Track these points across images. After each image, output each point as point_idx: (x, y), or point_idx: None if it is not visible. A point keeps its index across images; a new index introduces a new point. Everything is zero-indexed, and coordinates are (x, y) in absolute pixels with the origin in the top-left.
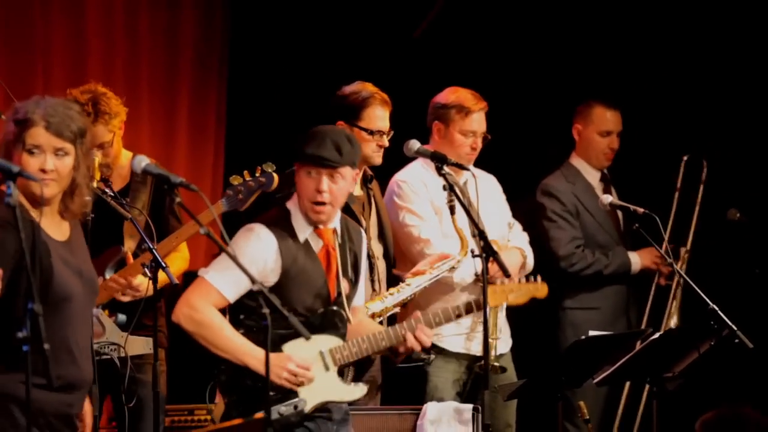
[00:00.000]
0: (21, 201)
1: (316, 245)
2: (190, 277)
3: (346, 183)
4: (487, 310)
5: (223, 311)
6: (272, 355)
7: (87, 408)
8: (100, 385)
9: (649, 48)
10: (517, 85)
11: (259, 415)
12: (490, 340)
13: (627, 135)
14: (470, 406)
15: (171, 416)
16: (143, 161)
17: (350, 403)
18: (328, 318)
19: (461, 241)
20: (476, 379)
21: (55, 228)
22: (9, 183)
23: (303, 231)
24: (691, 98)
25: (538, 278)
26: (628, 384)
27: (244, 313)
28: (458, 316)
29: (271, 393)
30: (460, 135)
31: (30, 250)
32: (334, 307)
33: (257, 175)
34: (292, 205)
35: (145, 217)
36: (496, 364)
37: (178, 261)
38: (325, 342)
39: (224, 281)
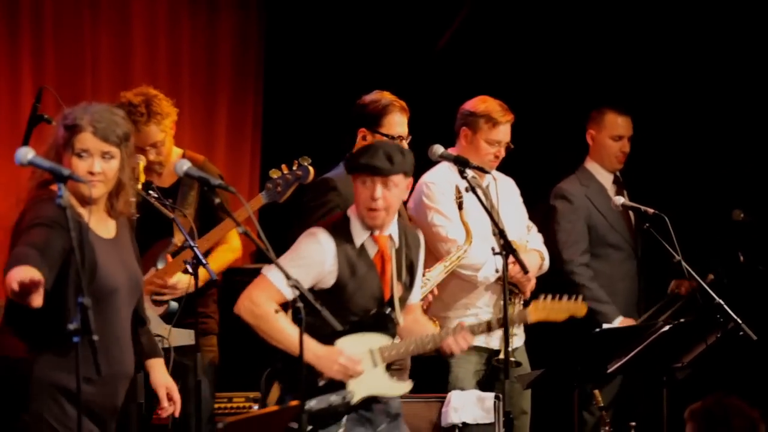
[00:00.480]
0: (71, 202)
1: (372, 250)
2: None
3: (399, 190)
4: (507, 305)
5: (284, 306)
6: (325, 349)
7: (169, 384)
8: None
9: (657, 58)
10: (534, 94)
11: (294, 402)
12: (510, 335)
13: (638, 139)
14: (492, 394)
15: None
16: (185, 165)
17: None
18: (379, 319)
19: (466, 233)
20: (493, 371)
21: (102, 226)
22: (60, 185)
23: (360, 237)
24: (698, 103)
25: (579, 298)
26: None
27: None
28: (490, 329)
29: (322, 383)
30: (486, 144)
31: (78, 247)
32: (386, 310)
33: (294, 168)
34: (351, 212)
35: (185, 216)
36: (512, 358)
37: (226, 253)
38: (376, 340)
39: (283, 279)
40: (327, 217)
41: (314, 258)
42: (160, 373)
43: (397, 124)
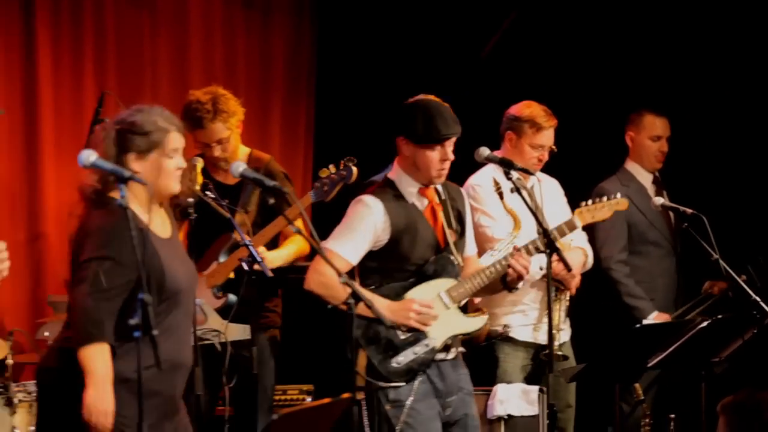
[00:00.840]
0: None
1: (422, 204)
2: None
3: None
4: (552, 297)
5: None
6: (398, 303)
7: None
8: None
9: (695, 61)
10: (575, 98)
11: (346, 395)
12: (553, 332)
13: (677, 140)
14: (536, 387)
15: None
16: (240, 167)
17: None
18: (439, 264)
19: (514, 221)
20: (540, 365)
21: (161, 227)
22: (121, 186)
23: (411, 193)
24: (736, 104)
25: (618, 194)
26: None
27: (363, 274)
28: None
29: (403, 337)
30: (530, 147)
31: (139, 246)
32: (444, 254)
33: (340, 168)
34: (393, 175)
35: (247, 212)
36: (559, 352)
37: (302, 243)
38: (441, 284)
39: (344, 247)
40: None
41: (366, 221)
42: None
43: None
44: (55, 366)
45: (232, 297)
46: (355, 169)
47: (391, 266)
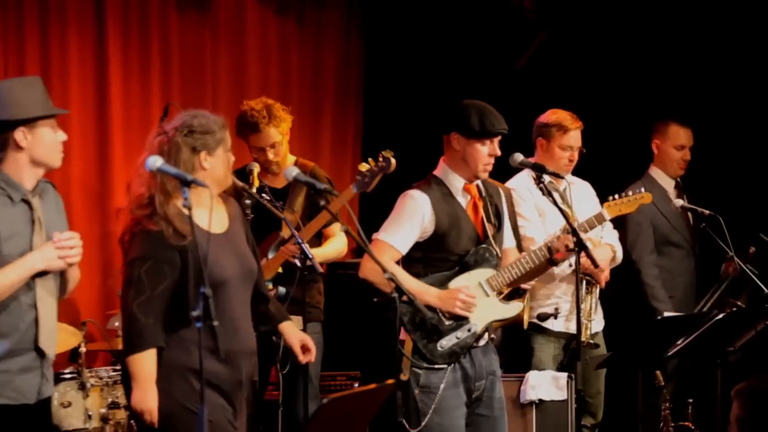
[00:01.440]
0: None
1: (464, 199)
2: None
3: None
4: (581, 294)
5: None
6: (445, 291)
7: (302, 336)
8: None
9: (715, 76)
10: (605, 109)
11: (390, 381)
12: (585, 321)
13: (696, 148)
14: (565, 374)
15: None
16: (293, 171)
17: None
18: (480, 254)
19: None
20: (571, 354)
21: (217, 223)
22: (184, 189)
23: (457, 189)
24: (749, 117)
25: (642, 189)
26: None
27: (409, 263)
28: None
29: (447, 323)
30: (560, 149)
31: (198, 244)
32: (484, 245)
33: (380, 160)
34: (439, 172)
35: (294, 212)
36: (591, 341)
37: (341, 244)
38: (482, 274)
39: (395, 238)
40: None
41: (414, 214)
42: (292, 331)
43: None
44: None
45: (282, 289)
46: (393, 160)
47: (435, 256)
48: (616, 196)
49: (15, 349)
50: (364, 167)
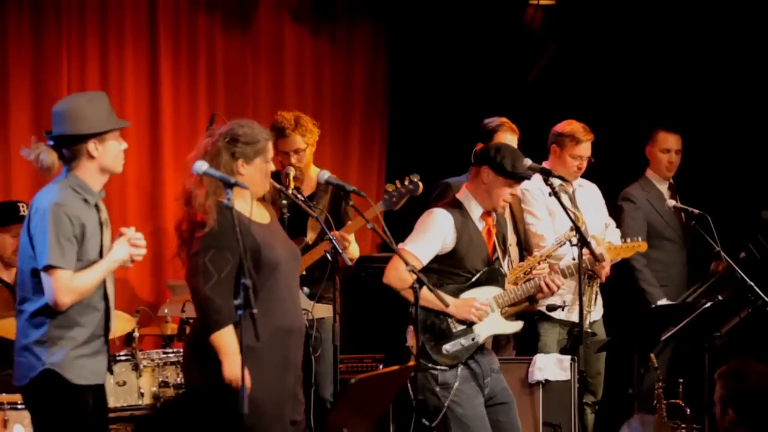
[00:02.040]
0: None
1: (481, 225)
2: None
3: None
4: (583, 286)
5: None
6: (460, 300)
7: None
8: None
9: (709, 89)
10: (608, 118)
11: (412, 363)
12: (585, 311)
13: (689, 154)
14: (569, 357)
15: (345, 363)
16: (326, 174)
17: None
18: (491, 274)
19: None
20: (574, 339)
21: (260, 216)
22: (227, 190)
23: (476, 215)
24: (737, 126)
25: (639, 239)
26: None
27: (425, 273)
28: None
29: (455, 329)
30: (571, 158)
31: (242, 239)
32: (495, 266)
33: (406, 183)
34: (462, 197)
35: (325, 215)
36: (588, 330)
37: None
38: (490, 291)
39: (418, 248)
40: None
41: (438, 229)
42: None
43: (507, 140)
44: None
45: (306, 289)
46: (421, 185)
47: (450, 270)
48: (620, 239)
49: (90, 335)
50: (390, 187)
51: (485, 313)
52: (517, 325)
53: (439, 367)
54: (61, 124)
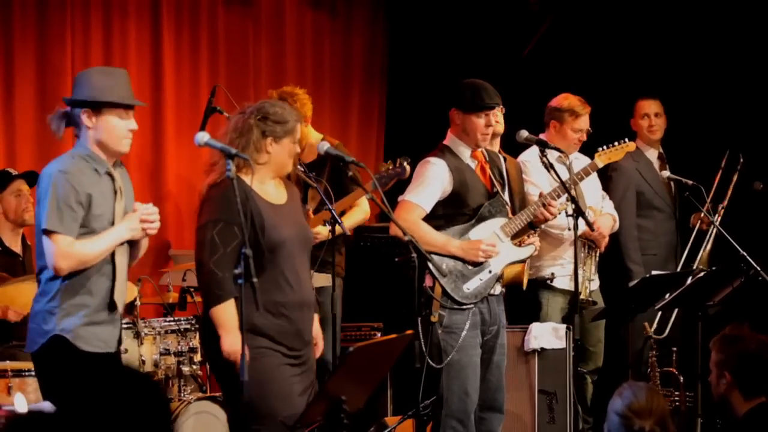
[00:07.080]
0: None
1: (473, 163)
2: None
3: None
4: (581, 256)
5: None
6: (467, 242)
7: (317, 331)
8: None
9: (697, 60)
10: (600, 90)
11: (409, 331)
12: (586, 282)
13: (680, 126)
14: (564, 325)
15: (344, 332)
16: (325, 145)
17: None
18: (494, 206)
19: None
20: (570, 308)
21: (276, 195)
22: (228, 161)
23: (465, 155)
24: (735, 98)
25: (626, 140)
26: None
27: (432, 218)
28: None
29: (470, 268)
30: (572, 131)
31: (244, 209)
32: (496, 198)
33: (396, 165)
34: (449, 142)
35: (324, 185)
36: (589, 299)
37: (358, 213)
38: (496, 223)
39: (420, 198)
40: None
41: (435, 176)
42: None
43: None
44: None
45: None
46: (408, 168)
47: (454, 212)
48: (605, 146)
49: (99, 304)
50: (383, 166)
51: (493, 251)
52: (529, 250)
53: (464, 306)
54: (72, 90)
